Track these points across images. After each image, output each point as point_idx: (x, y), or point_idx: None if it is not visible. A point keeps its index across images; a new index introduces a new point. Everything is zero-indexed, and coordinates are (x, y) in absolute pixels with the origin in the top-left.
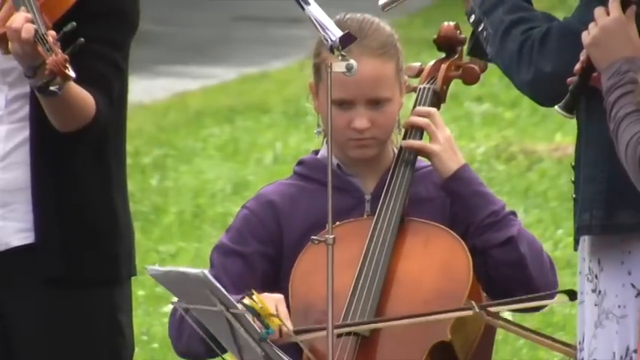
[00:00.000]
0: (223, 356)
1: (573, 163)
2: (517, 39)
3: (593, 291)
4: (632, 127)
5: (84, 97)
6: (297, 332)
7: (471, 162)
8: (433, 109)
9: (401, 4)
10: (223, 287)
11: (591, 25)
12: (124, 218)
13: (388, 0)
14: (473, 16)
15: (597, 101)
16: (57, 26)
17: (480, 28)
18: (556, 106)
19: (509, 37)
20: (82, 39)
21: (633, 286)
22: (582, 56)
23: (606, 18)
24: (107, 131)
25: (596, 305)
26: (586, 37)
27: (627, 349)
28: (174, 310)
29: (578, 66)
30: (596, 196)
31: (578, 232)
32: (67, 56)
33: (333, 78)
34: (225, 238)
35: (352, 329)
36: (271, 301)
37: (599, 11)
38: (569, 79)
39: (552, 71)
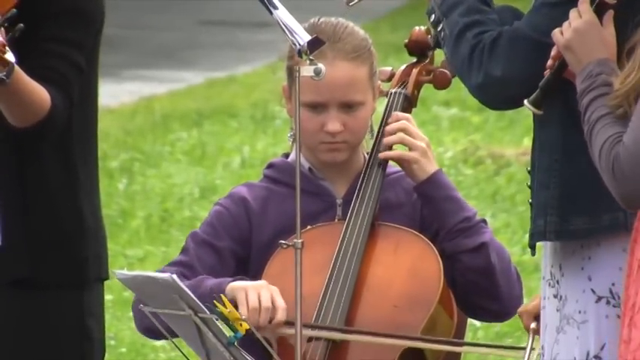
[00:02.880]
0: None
1: (529, 168)
2: (469, 42)
3: (555, 296)
4: (606, 130)
5: (37, 90)
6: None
7: (438, 166)
8: (404, 124)
9: (368, 7)
10: (196, 275)
11: (565, 26)
12: (93, 221)
13: None
14: (433, 16)
15: (549, 106)
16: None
17: (439, 29)
18: (525, 101)
19: (463, 40)
20: (22, 24)
21: (593, 291)
22: (553, 52)
23: (579, 20)
24: (72, 132)
25: (557, 311)
26: (559, 37)
27: (587, 354)
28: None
29: (549, 62)
30: (550, 201)
31: (533, 237)
32: (4, 42)
33: (306, 81)
34: (198, 230)
35: (319, 334)
36: (267, 290)
37: (573, 13)
38: (549, 63)
39: (502, 75)
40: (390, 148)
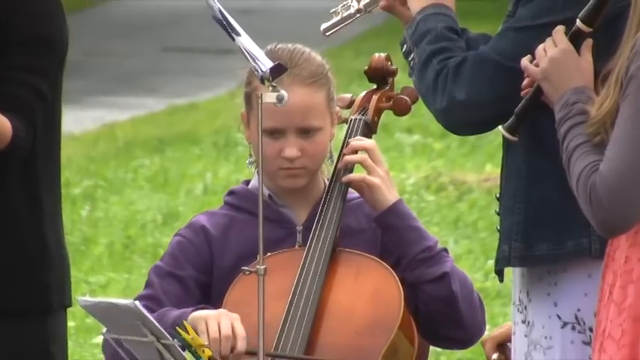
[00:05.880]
0: None
1: (498, 195)
2: (434, 68)
3: (523, 322)
4: (583, 159)
5: None
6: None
7: (401, 193)
8: (371, 145)
9: (337, 32)
10: (164, 308)
11: (541, 55)
12: (56, 248)
13: (330, 25)
14: (405, 46)
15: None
16: None
17: (409, 58)
18: (500, 127)
19: (429, 66)
20: None
21: (559, 317)
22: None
23: (554, 49)
24: (37, 160)
25: (526, 336)
26: (533, 69)
27: None
28: (106, 342)
29: (525, 82)
30: (515, 227)
31: (497, 263)
32: None
33: (264, 107)
34: (160, 262)
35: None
36: (227, 319)
37: (548, 42)
38: (523, 92)
39: (465, 99)
40: (350, 170)
